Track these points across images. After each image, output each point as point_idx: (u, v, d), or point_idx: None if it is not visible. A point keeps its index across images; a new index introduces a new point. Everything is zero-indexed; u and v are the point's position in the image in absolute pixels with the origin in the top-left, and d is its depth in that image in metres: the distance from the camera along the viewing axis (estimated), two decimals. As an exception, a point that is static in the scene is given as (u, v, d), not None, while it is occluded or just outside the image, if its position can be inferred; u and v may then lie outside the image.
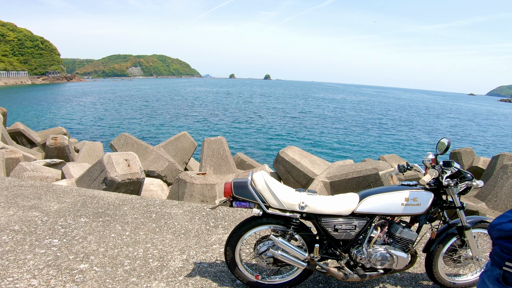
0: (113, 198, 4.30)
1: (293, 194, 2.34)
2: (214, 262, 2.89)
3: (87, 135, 23.25)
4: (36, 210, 3.76)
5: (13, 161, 7.04)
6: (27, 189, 4.46)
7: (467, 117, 56.68)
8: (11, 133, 11.27)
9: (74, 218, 3.60)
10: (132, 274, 2.62)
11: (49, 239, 3.11)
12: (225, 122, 32.90)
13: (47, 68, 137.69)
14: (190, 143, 8.87)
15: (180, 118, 34.89)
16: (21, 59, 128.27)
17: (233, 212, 4.01)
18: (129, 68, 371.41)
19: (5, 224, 3.35)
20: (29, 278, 2.48)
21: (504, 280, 1.25)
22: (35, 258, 2.76)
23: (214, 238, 3.33)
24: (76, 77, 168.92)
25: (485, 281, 1.33)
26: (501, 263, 1.24)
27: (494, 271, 1.30)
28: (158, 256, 2.92)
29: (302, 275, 2.49)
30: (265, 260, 2.42)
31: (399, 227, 2.35)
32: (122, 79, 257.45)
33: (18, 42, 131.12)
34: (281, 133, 27.69)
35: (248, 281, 2.49)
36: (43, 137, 12.10)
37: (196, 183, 5.23)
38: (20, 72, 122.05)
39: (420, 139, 28.87)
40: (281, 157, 6.99)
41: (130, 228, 3.43)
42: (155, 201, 4.28)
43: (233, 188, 2.35)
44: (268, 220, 2.38)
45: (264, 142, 23.70)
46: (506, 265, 1.22)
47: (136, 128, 27.89)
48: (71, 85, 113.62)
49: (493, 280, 1.29)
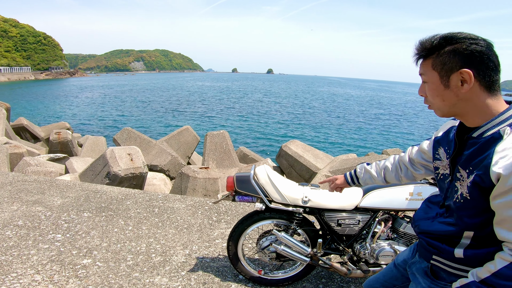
0: (116, 192, 4.30)
1: (296, 189, 2.32)
2: (216, 257, 2.88)
3: (90, 130, 23.31)
4: (39, 205, 3.78)
5: (17, 156, 7.06)
6: (30, 184, 4.47)
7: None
8: (15, 128, 11.31)
9: (77, 213, 3.60)
10: (135, 269, 2.62)
11: (52, 234, 3.12)
12: (228, 116, 32.87)
13: (50, 63, 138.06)
14: (192, 137, 8.86)
15: (183, 112, 34.90)
16: (24, 54, 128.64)
17: (235, 207, 4.01)
18: (132, 63, 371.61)
19: (9, 219, 3.36)
20: (33, 273, 2.49)
21: (432, 273, 1.25)
22: (39, 253, 2.77)
23: (216, 233, 3.32)
24: (79, 72, 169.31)
25: (415, 273, 1.33)
26: (428, 257, 1.24)
27: (422, 264, 1.30)
28: (161, 251, 2.92)
29: (305, 270, 2.47)
30: (267, 255, 2.41)
31: (403, 222, 2.33)
32: (125, 74, 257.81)
33: (21, 38, 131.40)
34: (284, 127, 27.64)
35: (250, 276, 2.48)
36: (46, 132, 12.14)
37: (198, 177, 5.23)
38: (23, 68, 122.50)
39: (423, 133, 28.73)
40: (284, 151, 6.97)
41: (133, 223, 3.44)
42: (158, 196, 4.28)
43: (236, 182, 2.34)
44: (271, 215, 2.36)
45: (267, 136, 23.67)
46: (433, 258, 1.22)
47: (139, 122, 27.94)
48: (74, 80, 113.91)
49: (422, 273, 1.28)
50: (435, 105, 1.11)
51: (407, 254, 1.48)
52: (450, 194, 1.16)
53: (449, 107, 1.08)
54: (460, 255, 1.12)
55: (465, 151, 1.09)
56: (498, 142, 0.97)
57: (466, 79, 1.01)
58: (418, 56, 1.10)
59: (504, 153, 0.94)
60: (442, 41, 1.04)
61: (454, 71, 1.02)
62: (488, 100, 1.03)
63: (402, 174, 1.59)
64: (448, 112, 1.10)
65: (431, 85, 1.09)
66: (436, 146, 1.30)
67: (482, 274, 1.02)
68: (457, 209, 1.11)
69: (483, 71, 1.00)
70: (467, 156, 1.07)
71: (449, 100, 1.06)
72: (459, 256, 1.13)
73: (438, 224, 1.20)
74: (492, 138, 1.00)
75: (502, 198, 0.95)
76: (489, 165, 0.96)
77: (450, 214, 1.17)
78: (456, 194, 1.10)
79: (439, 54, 1.04)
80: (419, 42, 1.09)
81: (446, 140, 1.24)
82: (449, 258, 1.17)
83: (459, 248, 1.12)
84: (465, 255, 1.11)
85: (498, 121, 1.02)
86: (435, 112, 1.13)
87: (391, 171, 1.62)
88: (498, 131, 1.00)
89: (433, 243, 1.21)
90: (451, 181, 1.15)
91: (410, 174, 1.57)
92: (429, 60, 1.07)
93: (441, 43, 1.04)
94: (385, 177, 1.64)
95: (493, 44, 1.02)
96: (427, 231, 1.23)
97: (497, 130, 1.00)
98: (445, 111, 1.10)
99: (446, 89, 1.05)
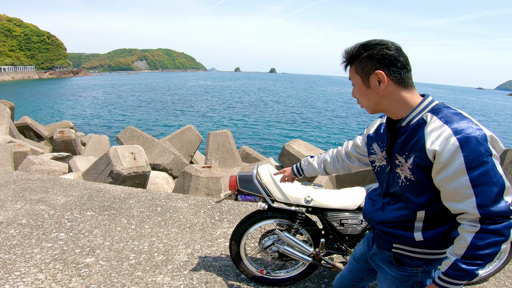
0: (119, 191, 4.31)
1: (299, 188, 2.31)
2: (219, 256, 2.88)
3: (94, 129, 23.40)
4: (43, 203, 3.79)
5: (21, 155, 7.10)
6: (34, 183, 4.49)
7: (475, 111, 55.96)
8: (19, 127, 11.37)
9: (80, 212, 3.62)
10: (137, 268, 2.62)
11: (55, 232, 3.13)
12: (231, 115, 32.88)
13: (54, 62, 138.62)
14: (195, 136, 8.87)
15: (186, 111, 34.94)
16: (28, 54, 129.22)
17: (238, 206, 4.00)
18: (135, 62, 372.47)
19: (13, 218, 3.38)
20: (36, 272, 2.50)
21: (396, 261, 1.34)
22: (42, 252, 2.78)
23: (219, 232, 3.32)
24: (82, 71, 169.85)
25: (380, 264, 1.41)
26: (388, 246, 1.33)
27: (383, 254, 1.39)
28: (163, 250, 2.92)
29: (307, 270, 2.47)
30: (270, 255, 2.40)
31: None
32: (128, 73, 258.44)
33: (25, 37, 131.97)
34: (286, 126, 27.60)
35: (252, 276, 2.48)
36: (50, 130, 12.19)
37: (201, 176, 5.23)
38: (27, 67, 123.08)
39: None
40: (287, 150, 6.96)
41: (135, 222, 3.44)
42: (160, 195, 4.28)
43: (238, 182, 2.33)
44: (274, 214, 2.35)
45: (270, 135, 23.66)
46: (394, 247, 1.31)
47: (142, 121, 28.00)
48: (78, 79, 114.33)
49: (387, 262, 1.37)
50: (364, 104, 1.27)
51: (362, 247, 1.58)
52: (393, 182, 1.29)
53: (375, 105, 1.24)
54: (420, 238, 1.22)
55: (398, 139, 1.23)
56: (424, 126, 1.14)
57: (381, 79, 1.17)
58: (345, 64, 1.27)
59: (434, 133, 1.10)
60: (360, 48, 1.20)
61: (371, 73, 1.18)
62: (404, 94, 1.19)
63: (339, 166, 1.75)
64: (376, 109, 1.25)
65: (357, 87, 1.25)
66: (369, 142, 1.45)
67: (459, 251, 1.10)
68: (404, 191, 1.23)
69: (393, 70, 1.16)
70: (401, 143, 1.21)
71: (373, 99, 1.22)
72: (419, 239, 1.22)
73: (389, 211, 1.31)
74: (418, 124, 1.16)
75: (442, 173, 1.08)
76: (424, 146, 1.12)
77: (398, 200, 1.29)
78: (400, 179, 1.23)
79: (359, 60, 1.20)
80: (344, 51, 1.25)
81: (379, 136, 1.39)
82: (410, 243, 1.25)
83: (417, 231, 1.23)
84: (425, 237, 1.22)
85: (419, 110, 1.18)
86: (367, 110, 1.28)
87: (330, 163, 1.78)
88: (421, 117, 1.16)
89: (392, 231, 1.29)
90: (391, 169, 1.29)
91: (346, 166, 1.73)
92: (353, 66, 1.23)
93: (360, 50, 1.20)
94: (325, 169, 1.80)
95: (401, 47, 1.18)
96: (383, 220, 1.33)
97: (421, 117, 1.17)
98: (372, 108, 1.25)
99: (368, 89, 1.21)
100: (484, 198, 1.04)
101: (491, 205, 1.04)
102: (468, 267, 1.08)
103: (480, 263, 1.07)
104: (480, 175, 1.03)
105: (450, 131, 1.07)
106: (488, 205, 1.04)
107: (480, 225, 1.06)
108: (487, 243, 1.05)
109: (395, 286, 1.35)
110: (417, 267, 1.29)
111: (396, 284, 1.34)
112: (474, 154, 1.03)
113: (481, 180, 1.03)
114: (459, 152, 1.04)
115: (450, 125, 1.08)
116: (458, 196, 1.07)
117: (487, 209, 1.04)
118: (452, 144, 1.05)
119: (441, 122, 1.11)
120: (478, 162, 1.03)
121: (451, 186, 1.08)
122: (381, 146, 1.35)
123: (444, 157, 1.06)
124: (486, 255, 1.06)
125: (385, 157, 1.32)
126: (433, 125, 1.12)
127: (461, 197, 1.07)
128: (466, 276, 1.09)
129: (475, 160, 1.03)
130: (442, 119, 1.11)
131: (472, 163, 1.03)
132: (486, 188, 1.04)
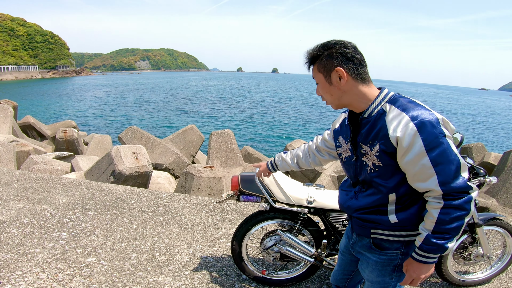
0: (121, 191, 4.32)
1: (301, 189, 2.30)
2: (220, 256, 2.88)
3: (96, 128, 23.45)
4: (45, 203, 3.80)
5: (24, 154, 7.13)
6: (36, 182, 4.51)
7: (478, 112, 55.72)
8: (21, 126, 11.41)
9: (82, 211, 3.62)
10: (139, 268, 2.63)
11: (57, 232, 3.14)
12: (233, 115, 32.88)
13: (57, 62, 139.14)
14: (197, 136, 8.87)
15: (188, 111, 34.97)
16: (31, 53, 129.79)
17: (240, 206, 4.00)
18: (137, 62, 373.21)
19: (15, 217, 3.39)
20: (38, 271, 2.51)
21: (376, 246, 1.41)
22: (44, 251, 2.79)
23: (220, 232, 3.32)
24: (85, 71, 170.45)
25: (360, 251, 1.48)
26: (367, 232, 1.40)
27: (363, 241, 1.46)
28: (165, 250, 2.92)
29: (308, 271, 2.46)
30: (271, 255, 2.40)
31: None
32: (130, 73, 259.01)
33: (28, 37, 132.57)
34: (288, 126, 27.58)
35: (254, 276, 2.47)
36: (53, 130, 12.23)
37: (203, 176, 5.23)
38: (30, 67, 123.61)
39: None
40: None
41: (137, 222, 3.45)
42: (162, 194, 4.29)
43: (240, 182, 2.33)
44: (275, 215, 2.35)
45: (272, 135, 23.64)
46: (372, 232, 1.39)
47: (144, 121, 28.05)
48: (80, 79, 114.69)
49: (367, 249, 1.44)
50: (328, 100, 1.36)
51: (345, 240, 1.66)
52: (360, 170, 1.37)
53: (338, 100, 1.33)
54: (395, 220, 1.30)
55: (362, 130, 1.31)
56: (384, 116, 1.23)
57: (341, 75, 1.26)
58: (308, 63, 1.35)
59: (394, 121, 1.19)
60: (321, 48, 1.29)
61: (332, 70, 1.27)
62: (363, 88, 1.28)
63: (310, 160, 1.85)
64: (339, 104, 1.34)
65: (320, 85, 1.34)
66: (336, 136, 1.54)
67: (428, 226, 1.20)
68: (373, 178, 1.31)
69: (351, 67, 1.25)
70: (364, 133, 1.30)
71: (335, 94, 1.31)
72: (394, 221, 1.30)
73: (362, 198, 1.38)
74: (379, 114, 1.25)
75: (406, 157, 1.17)
76: (387, 133, 1.20)
77: (368, 187, 1.37)
78: (367, 167, 1.32)
79: (321, 59, 1.29)
80: (307, 52, 1.34)
81: (343, 129, 1.48)
82: (387, 227, 1.33)
83: (391, 214, 1.31)
84: (399, 219, 1.30)
85: (378, 101, 1.28)
86: (331, 106, 1.37)
87: (302, 157, 1.88)
88: (381, 108, 1.26)
89: (368, 217, 1.37)
90: (356, 159, 1.37)
91: (317, 159, 1.84)
92: (316, 65, 1.32)
93: (321, 50, 1.29)
94: (298, 164, 1.90)
95: (356, 46, 1.28)
96: (358, 207, 1.40)
97: (380, 107, 1.26)
98: (336, 103, 1.34)
99: (330, 85, 1.30)
100: (444, 175, 1.14)
101: (451, 181, 1.15)
102: (438, 241, 1.18)
103: (448, 236, 1.18)
104: (438, 155, 1.14)
105: (408, 118, 1.17)
106: (448, 182, 1.14)
107: (443, 201, 1.16)
108: (451, 218, 1.16)
109: (377, 270, 1.41)
110: (396, 250, 1.36)
111: (378, 268, 1.41)
112: (431, 136, 1.13)
113: (440, 159, 1.14)
114: (418, 136, 1.14)
115: (407, 112, 1.18)
116: (422, 176, 1.17)
117: (447, 185, 1.15)
118: (411, 129, 1.14)
119: (399, 111, 1.20)
120: (435, 143, 1.13)
121: (415, 168, 1.17)
122: (345, 138, 1.44)
123: (406, 142, 1.15)
124: (452, 229, 1.17)
125: (349, 148, 1.41)
126: (392, 113, 1.21)
127: (425, 177, 1.16)
128: (438, 249, 1.20)
129: (432, 142, 1.13)
130: (400, 107, 1.21)
131: (430, 145, 1.13)
132: (445, 167, 1.14)
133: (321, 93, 1.37)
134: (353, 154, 1.39)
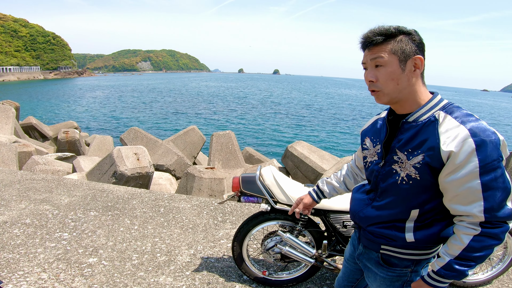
0: (122, 192, 4.33)
1: (302, 190, 2.31)
2: (221, 257, 2.88)
3: (98, 129, 23.51)
4: (47, 203, 3.81)
5: (26, 155, 7.15)
6: (38, 183, 4.52)
7: (480, 113, 55.61)
8: (23, 127, 11.45)
9: (84, 212, 3.63)
10: (140, 269, 2.63)
11: (59, 232, 3.15)
12: (234, 116, 32.90)
13: (59, 63, 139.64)
14: (199, 137, 8.89)
15: (189, 112, 35.02)
16: (33, 54, 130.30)
17: (241, 207, 4.01)
18: (139, 63, 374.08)
19: (17, 218, 3.40)
20: (39, 271, 2.52)
21: (384, 261, 1.31)
22: (45, 251, 2.80)
23: (221, 233, 3.33)
24: (87, 72, 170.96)
25: (367, 264, 1.38)
26: (376, 247, 1.31)
27: (371, 255, 1.36)
28: (166, 251, 2.93)
29: (309, 272, 2.46)
30: (272, 256, 2.40)
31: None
32: (132, 74, 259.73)
33: (30, 37, 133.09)
34: (289, 128, 27.58)
35: (255, 277, 2.48)
36: (55, 131, 12.27)
37: (204, 177, 5.24)
38: (33, 67, 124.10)
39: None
40: (290, 152, 6.95)
41: (138, 222, 3.45)
42: (163, 195, 4.30)
43: (241, 183, 2.33)
44: (276, 216, 2.35)
45: (273, 137, 23.64)
46: (382, 248, 1.29)
47: (146, 122, 28.10)
48: (82, 80, 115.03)
49: (374, 263, 1.34)
50: (386, 89, 1.15)
51: (350, 248, 1.55)
52: (385, 178, 1.22)
53: (399, 92, 1.14)
54: (411, 239, 1.19)
55: (401, 135, 1.17)
56: (436, 125, 1.09)
57: (418, 64, 1.12)
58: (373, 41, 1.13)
59: (449, 133, 1.05)
60: (396, 30, 1.12)
61: (411, 56, 1.11)
62: (421, 87, 1.16)
63: (359, 179, 1.65)
64: (397, 97, 1.15)
65: (388, 68, 1.13)
66: (363, 137, 1.40)
67: (453, 251, 1.09)
68: (403, 190, 1.17)
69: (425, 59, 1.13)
70: (405, 139, 1.15)
71: (402, 84, 1.13)
72: (410, 240, 1.19)
73: (378, 209, 1.25)
74: (429, 121, 1.11)
75: (453, 175, 1.04)
76: (438, 145, 1.06)
77: (387, 196, 1.23)
78: (398, 176, 1.17)
79: (399, 41, 1.11)
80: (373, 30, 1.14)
81: (373, 130, 1.34)
82: (400, 245, 1.23)
83: (408, 232, 1.19)
84: (416, 238, 1.18)
85: (429, 107, 1.14)
86: (381, 98, 1.17)
87: (350, 178, 1.66)
88: (432, 115, 1.12)
89: (382, 232, 1.25)
90: (384, 165, 1.23)
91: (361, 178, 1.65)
92: (387, 45, 1.12)
93: (396, 31, 1.12)
94: (346, 185, 1.68)
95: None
96: (373, 217, 1.28)
97: (432, 114, 1.12)
98: (395, 95, 1.15)
99: (402, 73, 1.12)
100: (491, 203, 1.02)
101: (497, 210, 1.03)
102: (460, 267, 1.08)
103: (472, 264, 1.07)
104: (491, 180, 1.02)
105: (467, 133, 1.02)
106: (494, 210, 1.03)
107: (480, 229, 1.05)
108: (483, 246, 1.05)
109: (385, 285, 1.34)
110: (405, 268, 1.27)
111: (386, 284, 1.33)
112: (489, 158, 1.01)
113: (492, 185, 1.02)
114: (475, 155, 1.01)
115: (467, 125, 1.04)
116: (466, 199, 1.05)
117: (493, 213, 1.03)
118: (468, 146, 1.01)
119: (456, 122, 1.06)
120: (491, 167, 1.01)
121: (460, 189, 1.05)
122: (373, 141, 1.32)
123: (460, 159, 1.02)
124: (480, 257, 1.06)
125: (377, 152, 1.28)
126: (447, 124, 1.07)
127: (468, 200, 1.05)
128: (457, 275, 1.09)
129: (489, 165, 1.01)
130: (458, 119, 1.07)
131: (486, 168, 1.01)
132: (495, 193, 1.02)
133: (381, 79, 1.15)
134: (380, 159, 1.25)
